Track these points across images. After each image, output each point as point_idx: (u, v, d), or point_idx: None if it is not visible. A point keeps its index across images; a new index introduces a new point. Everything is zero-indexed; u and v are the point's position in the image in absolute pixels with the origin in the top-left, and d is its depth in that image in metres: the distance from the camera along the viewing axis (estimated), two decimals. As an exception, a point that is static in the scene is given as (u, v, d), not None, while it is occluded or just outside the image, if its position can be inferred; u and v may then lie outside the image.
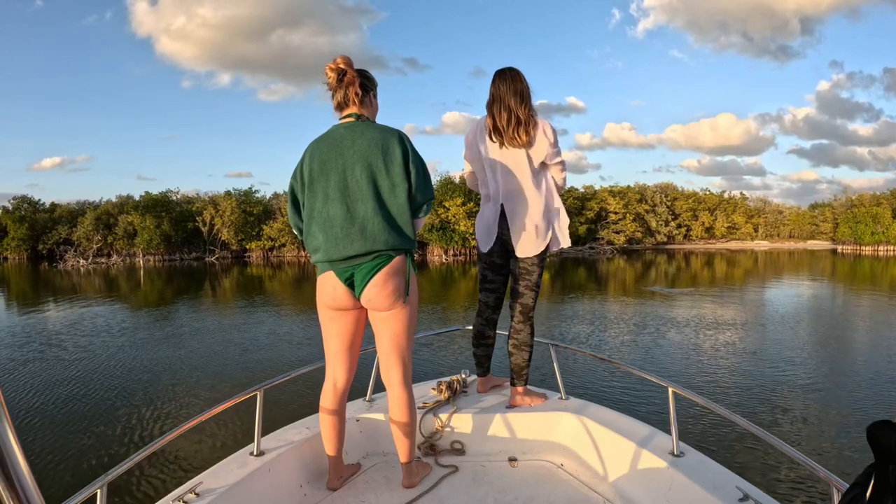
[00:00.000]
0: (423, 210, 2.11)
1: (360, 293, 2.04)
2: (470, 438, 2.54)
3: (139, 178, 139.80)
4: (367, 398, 2.75)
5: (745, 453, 5.26)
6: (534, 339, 2.70)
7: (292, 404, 6.27)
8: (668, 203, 67.89)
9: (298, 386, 6.89)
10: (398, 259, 2.03)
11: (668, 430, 2.20)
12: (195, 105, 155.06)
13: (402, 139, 2.06)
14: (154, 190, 57.95)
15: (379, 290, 2.01)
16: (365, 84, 2.15)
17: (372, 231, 1.98)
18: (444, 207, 46.36)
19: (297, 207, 2.16)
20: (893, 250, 56.21)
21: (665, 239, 66.24)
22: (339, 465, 2.24)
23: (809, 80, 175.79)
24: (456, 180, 49.25)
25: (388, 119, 2.15)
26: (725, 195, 75.87)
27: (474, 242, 3.04)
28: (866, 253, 55.45)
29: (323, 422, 2.20)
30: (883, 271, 32.04)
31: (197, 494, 1.83)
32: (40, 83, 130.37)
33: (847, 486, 0.92)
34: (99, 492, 1.52)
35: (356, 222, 1.99)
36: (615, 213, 58.77)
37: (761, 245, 69.48)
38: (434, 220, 46.16)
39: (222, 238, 49.70)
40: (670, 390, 2.20)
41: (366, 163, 2.00)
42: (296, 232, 2.21)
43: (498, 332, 2.87)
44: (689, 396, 2.18)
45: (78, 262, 45.84)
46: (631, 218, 59.86)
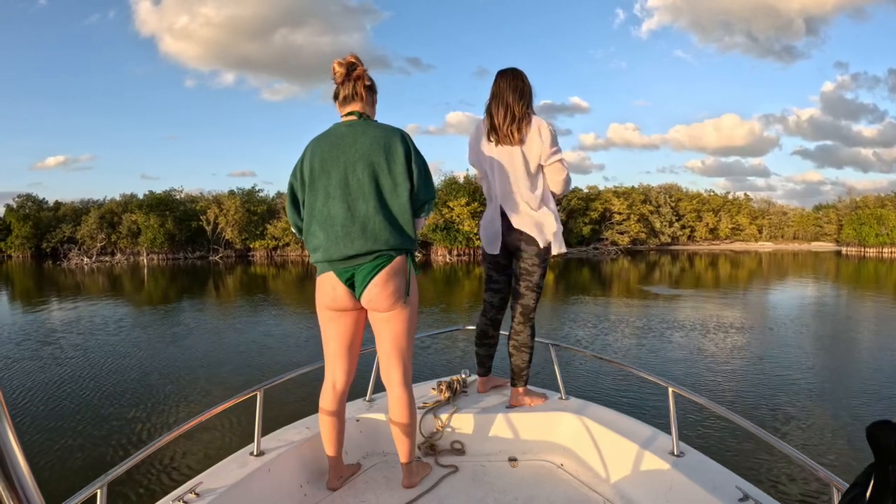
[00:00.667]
0: (424, 210, 2.09)
1: (361, 294, 2.03)
2: (470, 438, 2.54)
3: (143, 177, 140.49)
4: (367, 398, 2.75)
5: (745, 453, 5.24)
6: (534, 340, 2.69)
7: (292, 404, 6.26)
8: (673, 204, 67.78)
9: (298, 386, 6.88)
10: (399, 259, 2.02)
11: (668, 430, 2.20)
12: (198, 104, 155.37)
13: (405, 138, 2.05)
14: (158, 189, 58.24)
15: (380, 290, 2.00)
16: (372, 82, 2.16)
17: (373, 230, 1.97)
18: (448, 207, 46.32)
19: (296, 206, 2.14)
20: (898, 252, 56.05)
21: (669, 240, 66.13)
22: (338, 465, 2.24)
23: (814, 81, 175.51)
24: (460, 180, 49.22)
25: (391, 119, 2.15)
26: (729, 196, 75.75)
27: (478, 242, 3.03)
28: (870, 255, 55.27)
29: (322, 422, 2.20)
30: (887, 273, 31.91)
31: (197, 494, 1.83)
32: (43, 82, 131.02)
33: (847, 486, 0.91)
34: (99, 492, 1.52)
35: (357, 221, 1.97)
36: (619, 213, 58.64)
37: (765, 246, 69.30)
38: (438, 220, 46.13)
39: (226, 237, 49.81)
40: (670, 390, 2.20)
41: (368, 161, 1.99)
42: (295, 231, 2.20)
43: (501, 332, 2.87)
44: (689, 396, 2.17)
45: (82, 260, 46.06)
46: (635, 219, 59.72)
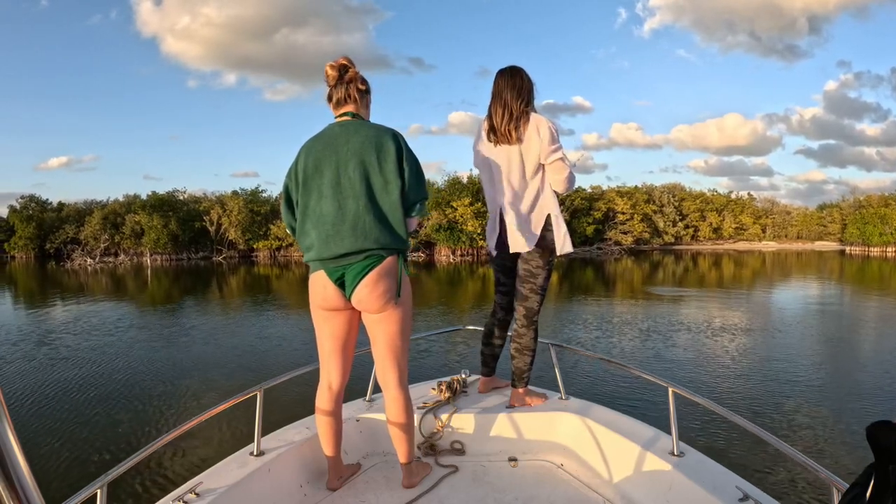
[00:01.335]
0: (415, 209, 2.08)
1: (351, 294, 2.03)
2: (470, 438, 2.54)
3: (145, 177, 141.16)
4: (367, 398, 2.75)
5: (745, 453, 5.22)
6: (537, 342, 2.68)
7: (292, 404, 6.27)
8: (676, 203, 67.68)
9: (298, 386, 6.86)
10: (390, 259, 2.01)
11: (668, 430, 2.19)
12: (201, 105, 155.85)
13: (397, 137, 2.05)
14: (160, 189, 58.24)
15: (370, 291, 1.99)
16: (366, 84, 2.16)
17: (363, 229, 1.97)
18: (451, 207, 46.31)
19: (291, 206, 2.15)
20: (903, 251, 55.84)
21: (673, 239, 66.01)
22: (338, 465, 2.24)
23: (817, 80, 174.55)
24: (464, 180, 49.23)
25: (393, 119, 2.16)
26: (733, 196, 75.64)
27: (482, 243, 3.02)
28: (875, 254, 55.04)
29: (319, 422, 2.20)
30: (891, 273, 31.78)
31: (197, 494, 1.83)
32: (46, 83, 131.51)
33: (847, 486, 0.90)
34: (99, 492, 1.52)
35: (347, 219, 1.97)
36: (623, 213, 58.56)
37: (769, 246, 69.12)
38: (442, 221, 46.13)
39: (229, 237, 49.94)
40: (670, 390, 2.19)
41: (359, 159, 1.99)
42: (289, 231, 2.20)
43: (508, 333, 2.86)
44: (689, 396, 2.17)
45: (85, 261, 46.21)
46: (638, 218, 59.64)
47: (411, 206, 2.06)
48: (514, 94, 2.51)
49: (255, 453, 2.15)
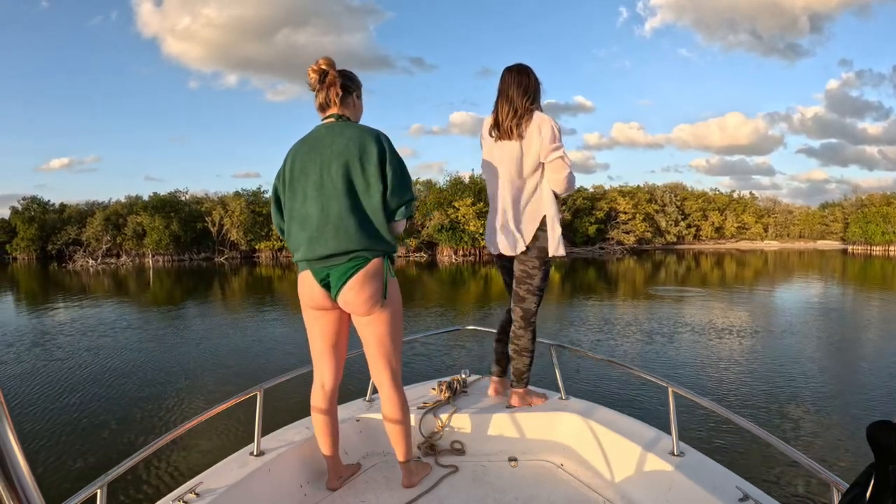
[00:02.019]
0: (400, 213, 2.05)
1: (337, 295, 2.03)
2: (470, 438, 2.53)
3: (147, 178, 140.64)
4: (367, 398, 2.75)
5: (745, 453, 5.22)
6: (535, 344, 2.67)
7: (292, 404, 6.27)
8: (678, 203, 67.52)
9: (298, 386, 6.86)
10: (375, 261, 2.01)
11: (668, 430, 2.19)
12: (202, 106, 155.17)
13: (380, 139, 2.03)
14: (162, 190, 58.21)
15: (355, 294, 1.99)
16: (347, 85, 2.13)
17: (346, 230, 1.96)
18: (453, 207, 46.29)
19: (279, 208, 2.16)
20: (905, 250, 55.72)
21: (675, 239, 65.85)
22: (337, 464, 2.24)
23: (818, 79, 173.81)
24: (465, 180, 49.21)
25: (394, 119, 2.16)
26: (735, 195, 75.36)
27: (483, 243, 3.01)
28: (877, 253, 54.92)
29: (316, 422, 2.21)
30: (894, 272, 31.71)
31: (197, 494, 1.84)
32: (47, 84, 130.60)
33: (847, 486, 0.90)
34: (99, 492, 1.53)
35: (330, 221, 1.98)
36: (625, 213, 58.42)
37: (771, 245, 68.97)
38: (444, 221, 46.11)
39: (231, 238, 49.92)
40: (670, 390, 2.19)
41: (342, 161, 1.98)
42: (278, 232, 2.21)
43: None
44: (689, 396, 2.16)
45: (87, 262, 46.27)
46: (641, 218, 59.50)
47: (395, 209, 2.04)
48: (520, 91, 2.50)
49: (255, 453, 2.16)
